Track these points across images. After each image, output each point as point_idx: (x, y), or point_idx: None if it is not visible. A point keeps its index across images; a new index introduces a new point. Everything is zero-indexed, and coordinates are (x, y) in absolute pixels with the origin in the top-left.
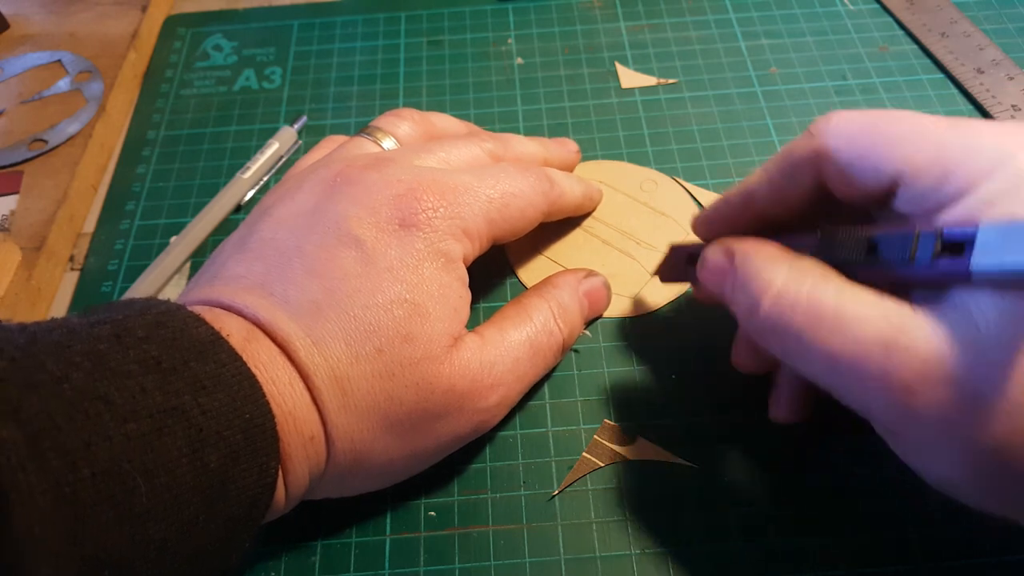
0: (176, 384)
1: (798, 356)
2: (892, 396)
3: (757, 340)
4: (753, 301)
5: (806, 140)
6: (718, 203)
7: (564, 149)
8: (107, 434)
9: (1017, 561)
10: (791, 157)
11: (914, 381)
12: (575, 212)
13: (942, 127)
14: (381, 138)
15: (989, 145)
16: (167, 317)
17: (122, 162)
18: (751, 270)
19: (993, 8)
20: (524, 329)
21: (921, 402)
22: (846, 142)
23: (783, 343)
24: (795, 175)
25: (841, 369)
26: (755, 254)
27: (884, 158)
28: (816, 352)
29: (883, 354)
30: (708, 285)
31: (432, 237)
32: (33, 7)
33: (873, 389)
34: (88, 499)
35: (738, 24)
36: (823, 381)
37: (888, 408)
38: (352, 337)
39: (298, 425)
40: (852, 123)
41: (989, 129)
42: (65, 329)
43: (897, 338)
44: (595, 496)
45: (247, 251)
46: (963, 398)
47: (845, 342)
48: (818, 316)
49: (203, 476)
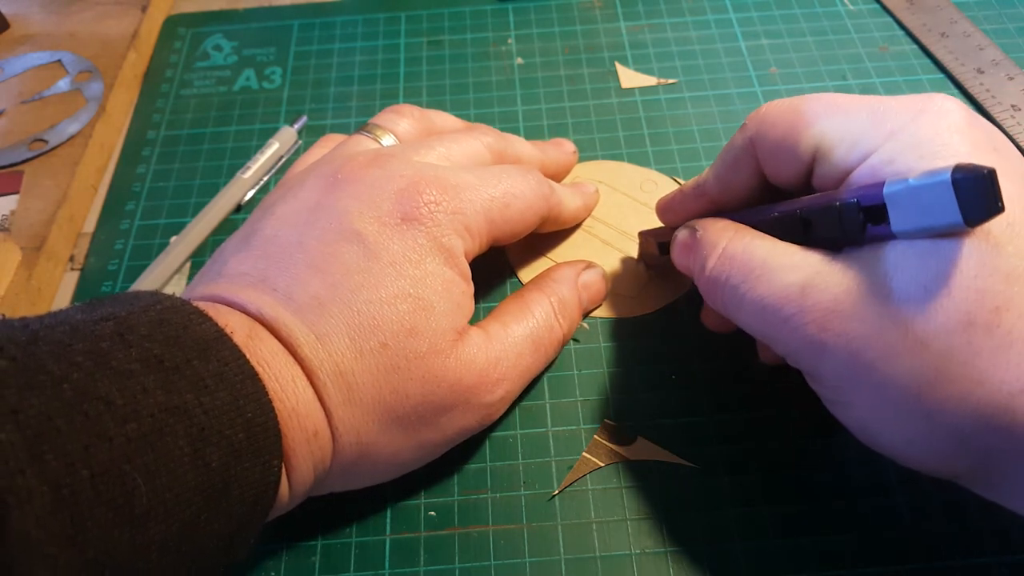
0: (178, 383)
1: (735, 306)
2: (808, 333)
3: (706, 298)
4: (703, 261)
5: (742, 132)
6: (675, 193)
7: (560, 150)
8: (107, 435)
9: (1017, 561)
10: (732, 150)
11: (826, 317)
12: (570, 223)
13: (853, 103)
14: (381, 135)
15: (892, 114)
16: (171, 314)
17: (122, 162)
18: (706, 238)
19: (993, 8)
20: (526, 323)
21: (832, 337)
22: (770, 127)
23: (723, 295)
24: (736, 165)
25: (767, 313)
26: (710, 226)
27: (802, 136)
28: (748, 300)
29: (800, 295)
30: (679, 260)
31: (434, 231)
32: (33, 7)
33: (792, 328)
34: (87, 501)
35: (738, 24)
36: (758, 331)
37: (806, 347)
38: (356, 332)
39: (301, 422)
40: (776, 109)
41: (895, 102)
42: (67, 326)
43: (814, 280)
44: (595, 496)
45: (250, 249)
46: (870, 334)
47: (771, 288)
48: (750, 268)
49: (205, 475)
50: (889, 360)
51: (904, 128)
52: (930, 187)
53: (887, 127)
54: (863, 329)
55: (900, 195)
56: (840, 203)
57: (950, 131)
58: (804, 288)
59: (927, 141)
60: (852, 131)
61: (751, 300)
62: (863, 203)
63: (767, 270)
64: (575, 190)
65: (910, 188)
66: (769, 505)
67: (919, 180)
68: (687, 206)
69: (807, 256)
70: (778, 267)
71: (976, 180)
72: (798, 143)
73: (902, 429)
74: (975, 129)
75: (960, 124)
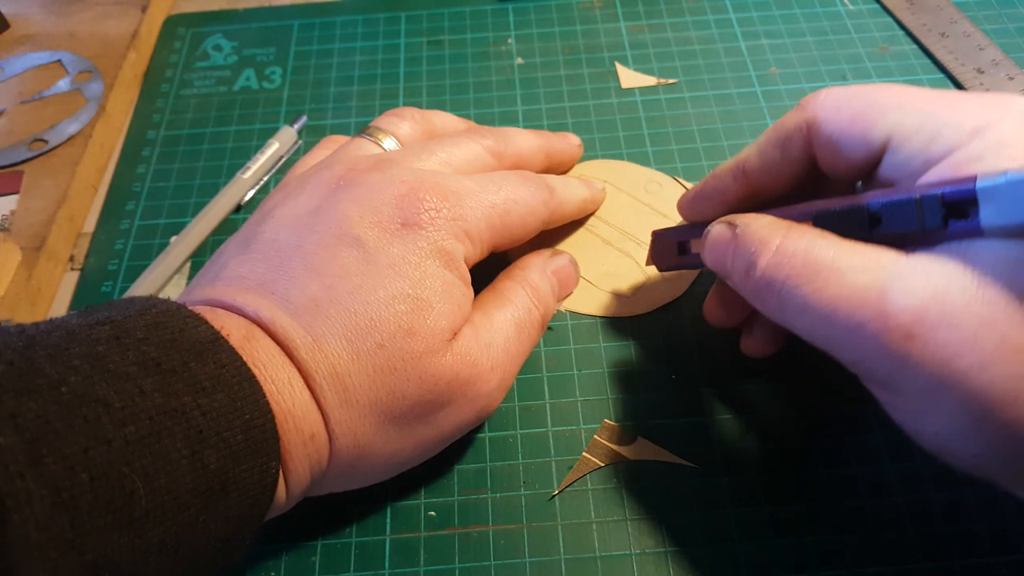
0: (176, 385)
1: (795, 311)
2: (889, 341)
3: (753, 301)
4: (751, 260)
5: (797, 113)
6: (708, 180)
7: (565, 142)
8: (106, 438)
9: (1017, 561)
10: (782, 129)
11: (912, 324)
12: (575, 217)
13: (928, 95)
14: (382, 138)
15: (973, 111)
16: (166, 317)
17: (122, 162)
18: (752, 234)
19: (993, 8)
20: (507, 310)
21: (919, 346)
22: (835, 111)
23: (779, 298)
24: (786, 147)
25: (837, 318)
26: (755, 221)
27: (872, 124)
28: (812, 303)
29: (879, 300)
30: (709, 257)
31: (434, 236)
32: (33, 7)
33: (870, 336)
34: (86, 504)
35: (738, 24)
36: (819, 335)
37: (885, 357)
38: (353, 333)
39: (298, 423)
40: (841, 94)
41: (973, 98)
42: (64, 331)
43: (894, 283)
44: (595, 496)
45: (249, 252)
46: (964, 341)
47: (841, 290)
48: (814, 267)
49: (203, 477)
50: (984, 369)
51: (990, 127)
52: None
53: (970, 124)
54: (955, 336)
55: (997, 189)
56: (921, 196)
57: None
58: (884, 292)
59: (1014, 143)
60: (930, 124)
61: (816, 304)
62: (948, 197)
63: (836, 271)
64: (580, 182)
65: (1011, 182)
66: (769, 505)
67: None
68: (723, 189)
69: (880, 255)
70: (849, 267)
71: None
72: (870, 130)
73: (983, 438)
74: None
75: None
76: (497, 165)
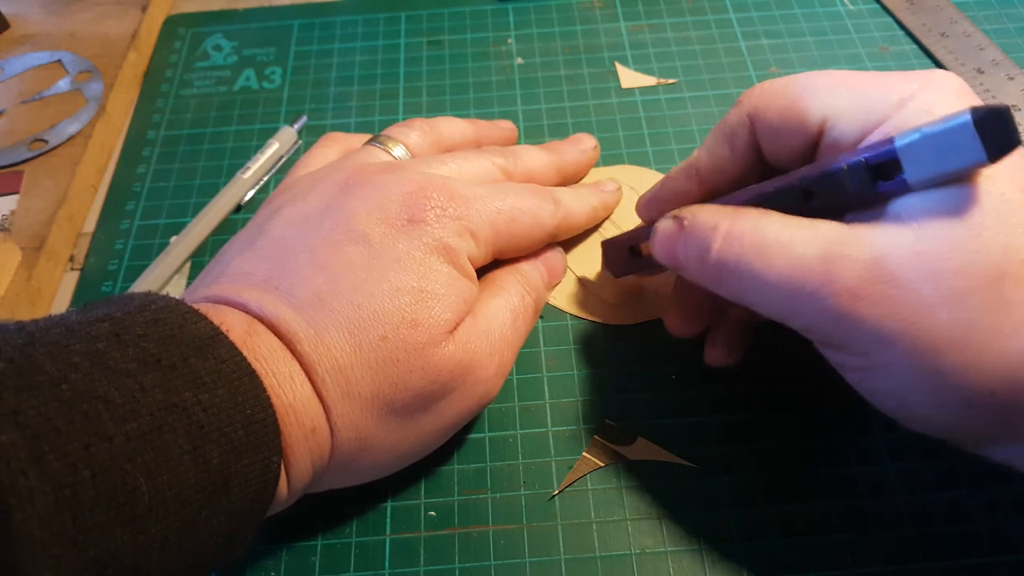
0: (176, 381)
1: (749, 288)
2: (837, 304)
3: (709, 285)
4: (704, 248)
5: (737, 109)
6: (663, 182)
7: (577, 150)
8: (107, 435)
9: (1017, 561)
10: (727, 127)
11: (857, 286)
12: (587, 227)
13: (857, 76)
14: (392, 147)
15: (898, 85)
16: (166, 313)
17: (122, 162)
18: (700, 223)
19: (993, 8)
20: (501, 298)
21: (864, 305)
22: (771, 101)
23: (734, 279)
24: (733, 143)
25: (789, 289)
26: (701, 211)
27: (807, 109)
28: (764, 279)
29: (824, 266)
30: (659, 252)
31: (440, 232)
32: (33, 7)
33: (818, 301)
34: (89, 501)
35: (738, 24)
36: (774, 307)
37: (835, 319)
38: (355, 326)
39: (299, 417)
40: (776, 85)
41: (898, 74)
42: (63, 328)
43: (836, 249)
44: (595, 496)
45: (255, 249)
46: (905, 293)
47: (789, 261)
48: (762, 245)
49: (205, 473)
50: (925, 318)
51: (914, 97)
52: (950, 131)
53: (896, 97)
54: (896, 289)
55: (915, 145)
56: (847, 165)
57: (959, 101)
58: (826, 259)
59: (937, 109)
60: (861, 101)
61: (769, 278)
62: (871, 161)
63: (782, 245)
64: (591, 191)
65: (927, 136)
66: (769, 505)
67: (935, 127)
68: (677, 190)
69: (819, 226)
70: (792, 240)
71: (994, 116)
72: (805, 114)
73: (931, 388)
74: (976, 99)
75: (966, 95)
76: (506, 181)
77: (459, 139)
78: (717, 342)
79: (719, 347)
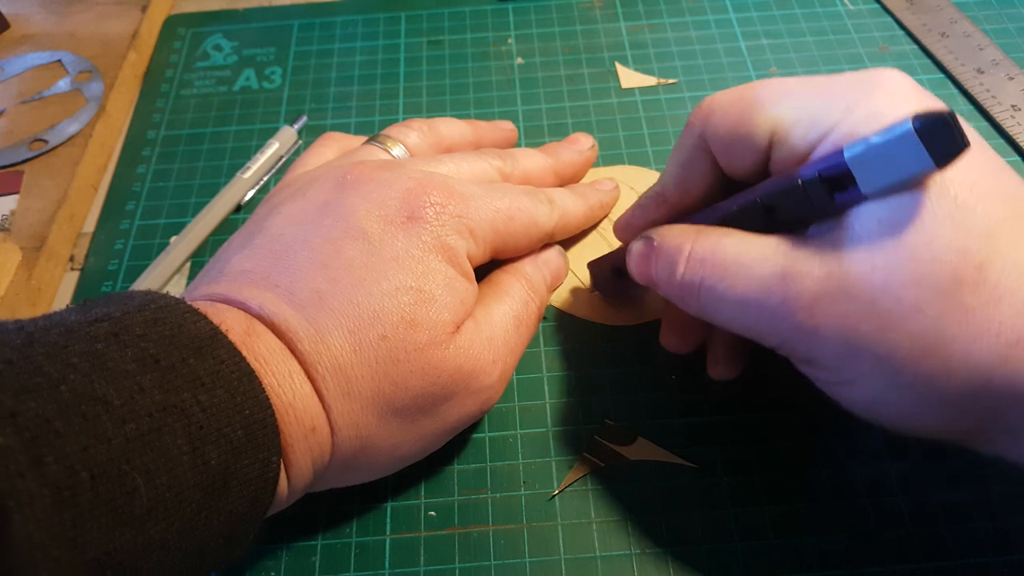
0: (175, 382)
1: (714, 308)
2: (797, 322)
3: (681, 305)
4: (672, 268)
5: (688, 130)
6: (635, 210)
7: (574, 150)
8: (106, 436)
9: (1017, 561)
10: (683, 150)
11: (814, 303)
12: (585, 227)
13: (801, 84)
14: (391, 146)
15: (843, 92)
16: (165, 313)
17: (122, 162)
18: (667, 244)
19: (993, 8)
20: (506, 303)
21: (824, 320)
22: (720, 118)
23: (699, 299)
24: (691, 165)
25: (750, 308)
26: (668, 232)
27: (753, 124)
28: (727, 299)
29: (781, 284)
30: (638, 274)
31: (439, 231)
32: (33, 7)
33: (779, 318)
34: (88, 503)
35: (738, 24)
36: (741, 327)
37: (798, 336)
38: (355, 325)
39: (298, 416)
40: (723, 99)
41: (844, 78)
42: (63, 328)
43: (792, 266)
44: (595, 496)
45: (254, 247)
46: (863, 308)
47: (749, 282)
48: (723, 266)
49: (204, 474)
50: (887, 331)
51: (860, 103)
52: (894, 141)
53: (842, 103)
54: (855, 306)
55: (863, 155)
56: (802, 180)
57: (905, 101)
58: (784, 277)
59: (885, 112)
60: (808, 111)
61: (731, 298)
62: (824, 174)
63: (741, 265)
64: (588, 190)
65: (872, 146)
66: (769, 505)
67: (880, 136)
68: (649, 218)
69: (777, 244)
70: (751, 260)
71: (937, 122)
72: (752, 130)
73: (906, 398)
74: (926, 98)
75: (913, 94)
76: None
77: (458, 140)
78: (718, 358)
79: (720, 363)
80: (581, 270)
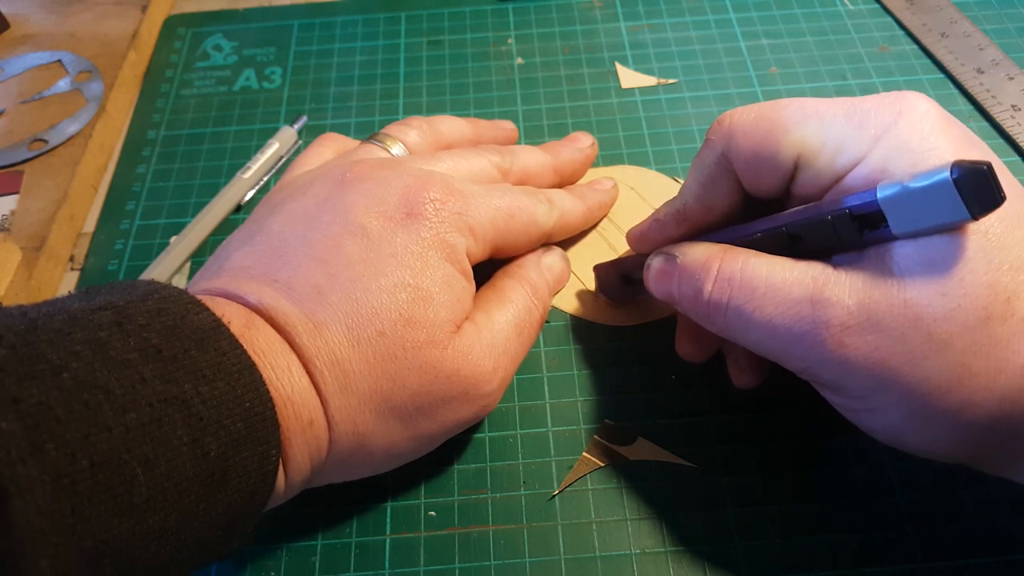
0: (176, 373)
1: (741, 329)
2: (826, 350)
3: (704, 324)
4: (697, 288)
5: (710, 148)
6: (652, 225)
7: (574, 148)
8: (106, 425)
9: (1017, 561)
10: (704, 168)
11: (843, 332)
12: (584, 227)
13: (827, 106)
14: (390, 145)
15: (871, 118)
16: (168, 303)
17: (122, 162)
18: (693, 264)
19: (993, 8)
20: (508, 310)
21: (852, 351)
22: (744, 138)
23: (726, 319)
24: (714, 183)
25: (779, 332)
26: (693, 251)
27: (779, 146)
28: (755, 321)
29: (811, 310)
30: (655, 288)
31: (438, 228)
32: (33, 7)
33: (807, 345)
34: (87, 490)
35: (738, 24)
36: (767, 350)
37: (825, 363)
38: (354, 320)
39: (296, 410)
40: (746, 118)
41: (870, 103)
42: (66, 315)
43: (822, 293)
44: (595, 496)
45: (254, 244)
46: (892, 341)
47: (778, 306)
48: (752, 288)
49: (203, 465)
50: (915, 365)
51: (888, 131)
52: (931, 188)
53: (870, 131)
54: (884, 339)
55: (897, 198)
56: (832, 216)
57: (933, 132)
58: (814, 303)
59: (915, 145)
60: (834, 136)
61: (759, 320)
62: (855, 212)
63: (771, 287)
64: (587, 190)
65: (909, 191)
66: (769, 505)
67: (917, 183)
68: (667, 234)
69: (808, 268)
70: (781, 283)
71: (976, 175)
72: (778, 152)
73: (929, 428)
74: (953, 127)
75: (940, 124)
76: (503, 180)
77: (458, 138)
78: (743, 365)
79: (746, 371)
80: (581, 270)
